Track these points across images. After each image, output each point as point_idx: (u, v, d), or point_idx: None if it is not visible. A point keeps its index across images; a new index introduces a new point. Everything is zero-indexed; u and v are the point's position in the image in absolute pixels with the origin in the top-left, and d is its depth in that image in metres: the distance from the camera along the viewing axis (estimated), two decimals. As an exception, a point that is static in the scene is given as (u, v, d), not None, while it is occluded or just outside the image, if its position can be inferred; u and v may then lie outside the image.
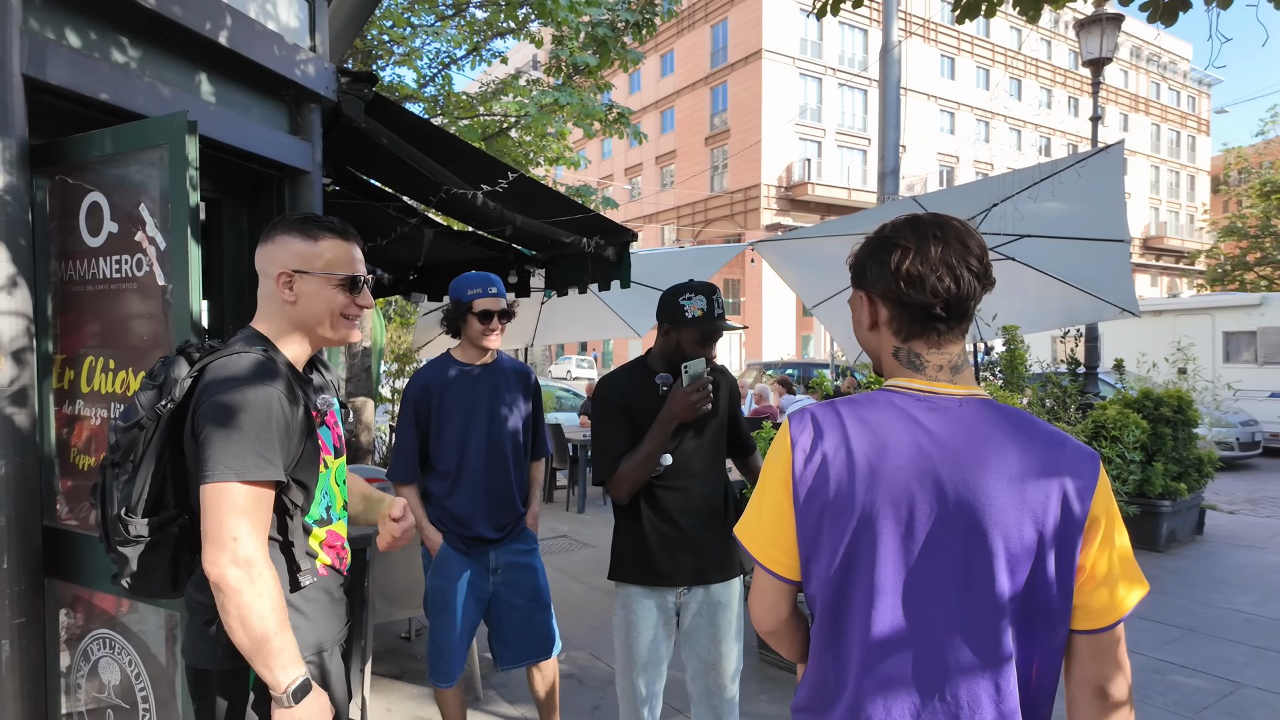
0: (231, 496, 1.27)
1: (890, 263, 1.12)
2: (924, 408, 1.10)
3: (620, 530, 2.30)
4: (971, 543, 1.04)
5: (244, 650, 1.28)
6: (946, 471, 1.05)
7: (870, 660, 1.07)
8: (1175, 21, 3.30)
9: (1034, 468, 1.04)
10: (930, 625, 1.05)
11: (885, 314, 1.15)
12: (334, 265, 1.47)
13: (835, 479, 1.08)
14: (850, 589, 1.08)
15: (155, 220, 1.95)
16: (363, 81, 3.28)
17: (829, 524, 1.08)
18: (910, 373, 1.14)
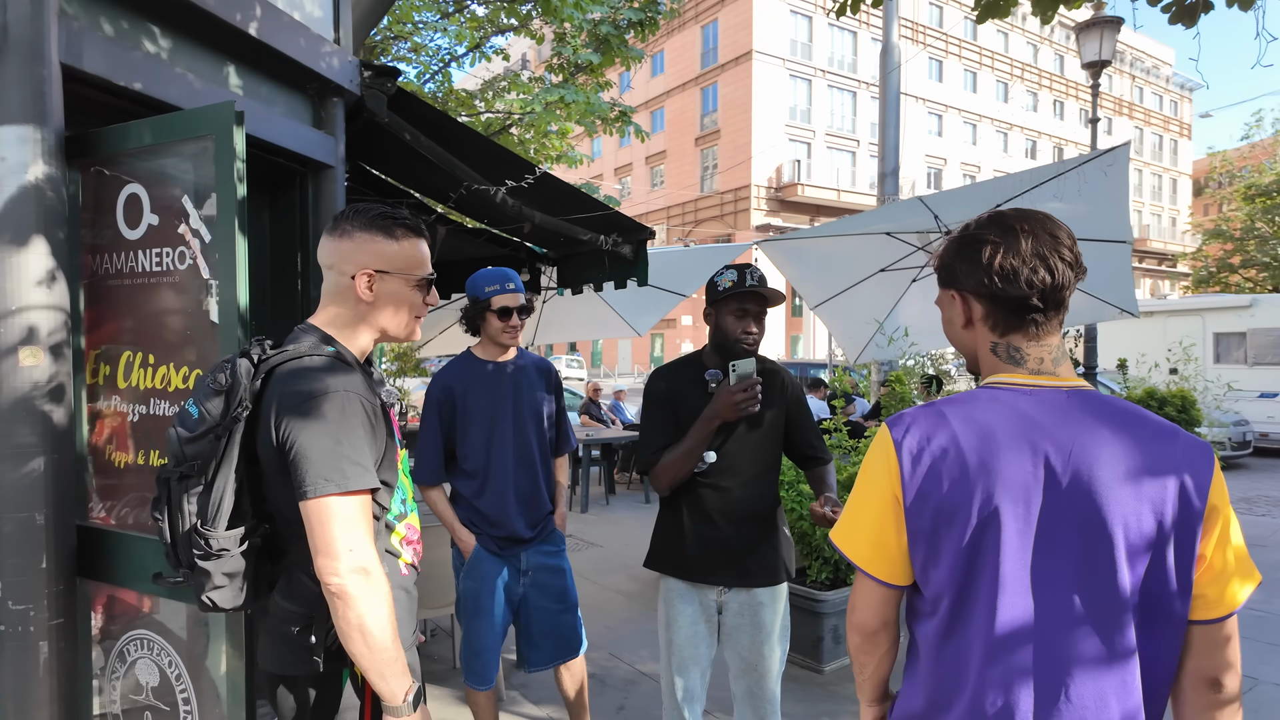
0: (338, 509, 1.24)
1: (981, 259, 1.12)
2: (1031, 401, 1.10)
3: (661, 521, 2.29)
4: (1092, 536, 1.03)
5: (361, 660, 1.24)
6: (1062, 465, 1.05)
7: (994, 658, 1.06)
8: (1195, 23, 3.33)
9: (1150, 459, 1.04)
10: (1054, 620, 1.04)
11: (980, 310, 1.16)
12: (413, 266, 1.45)
13: (949, 480, 1.07)
14: (972, 588, 1.08)
15: (199, 213, 1.91)
16: (385, 76, 3.25)
17: (945, 525, 1.08)
18: (1011, 367, 1.14)
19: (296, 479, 1.25)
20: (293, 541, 1.37)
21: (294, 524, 1.35)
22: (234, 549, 1.32)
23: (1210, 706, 1.07)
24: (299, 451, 1.25)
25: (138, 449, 2.04)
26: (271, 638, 1.41)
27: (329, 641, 1.34)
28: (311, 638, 1.34)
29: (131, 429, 2.04)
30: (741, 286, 2.15)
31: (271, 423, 1.30)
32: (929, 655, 1.14)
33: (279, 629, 1.38)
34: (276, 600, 1.38)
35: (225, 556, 1.32)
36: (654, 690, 3.45)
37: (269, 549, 1.40)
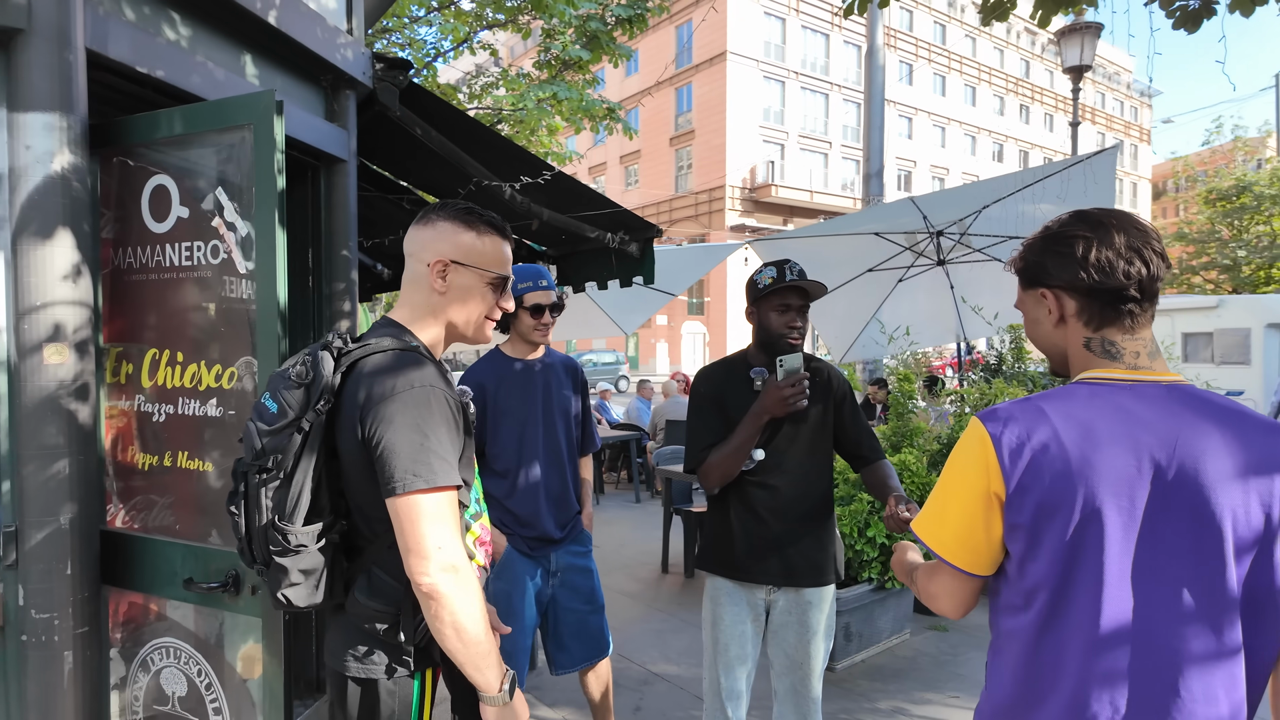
0: (426, 506, 1.22)
1: (1075, 254, 1.13)
2: (1130, 396, 1.10)
3: (711, 521, 2.28)
4: (1200, 530, 1.04)
5: (457, 655, 1.23)
6: (1167, 459, 1.05)
7: (1098, 653, 1.06)
8: (1198, 28, 3.41)
9: (1256, 453, 1.05)
10: (1162, 615, 1.05)
11: (1073, 306, 1.16)
12: (491, 262, 1.42)
13: (1051, 475, 1.07)
14: (1073, 582, 1.08)
15: (235, 205, 1.84)
16: (398, 68, 3.18)
17: (1047, 520, 1.08)
18: (1107, 362, 1.14)
19: (384, 475, 1.23)
20: (372, 539, 1.34)
21: (374, 521, 1.32)
22: (311, 545, 1.28)
23: None
24: (386, 447, 1.23)
25: (164, 450, 1.96)
26: (349, 637, 1.36)
27: (418, 639, 1.32)
28: (400, 635, 1.31)
29: (158, 429, 1.97)
30: (782, 282, 2.15)
31: (356, 417, 1.27)
32: (1022, 649, 1.14)
33: (362, 628, 1.34)
34: (358, 599, 1.34)
35: (303, 552, 1.28)
36: (668, 690, 3.44)
37: (346, 546, 1.36)
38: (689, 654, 3.82)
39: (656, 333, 31.74)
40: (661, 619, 4.33)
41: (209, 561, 1.88)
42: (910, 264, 7.23)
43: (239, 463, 1.36)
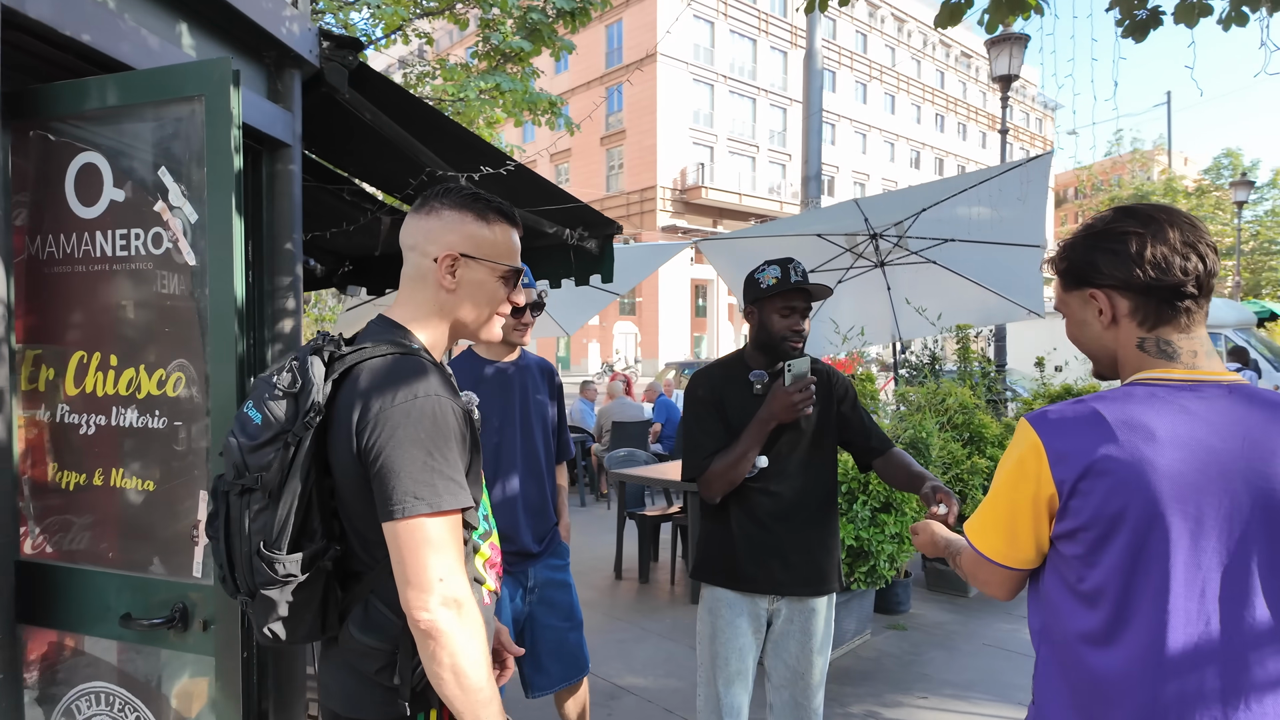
0: (429, 532, 1.06)
1: (1129, 250, 1.08)
2: (1191, 396, 1.05)
3: (708, 530, 2.16)
4: (1274, 536, 0.99)
5: (455, 703, 1.06)
6: (1235, 463, 1.01)
7: (1166, 665, 1.01)
8: (1145, 38, 3.53)
9: None
10: (1234, 624, 1.00)
11: (1126, 306, 1.11)
12: (503, 254, 1.27)
13: (1109, 481, 1.02)
14: (1135, 592, 1.03)
15: (181, 188, 1.62)
16: (347, 47, 2.95)
17: (1106, 527, 1.03)
18: (1164, 362, 1.09)
19: (382, 496, 1.07)
20: (370, 566, 1.17)
21: (372, 545, 1.15)
22: (299, 575, 1.10)
23: None
24: (385, 464, 1.07)
25: (94, 467, 1.71)
26: (342, 675, 1.19)
27: (415, 682, 1.15)
28: (395, 678, 1.14)
29: (85, 443, 1.71)
30: (787, 283, 2.05)
31: (352, 430, 1.10)
32: (1079, 659, 1.08)
33: (354, 666, 1.17)
34: (351, 633, 1.16)
35: (292, 582, 1.10)
36: (637, 705, 3.32)
37: (341, 573, 1.19)
38: (654, 664, 3.71)
39: (588, 333, 31.53)
40: (622, 628, 4.20)
41: (151, 593, 1.65)
42: (850, 265, 7.34)
43: (219, 481, 1.18)
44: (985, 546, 1.17)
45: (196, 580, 1.63)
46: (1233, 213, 20.19)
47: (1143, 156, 24.66)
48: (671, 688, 3.46)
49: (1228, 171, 27.13)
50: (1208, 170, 28.71)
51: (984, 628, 4.21)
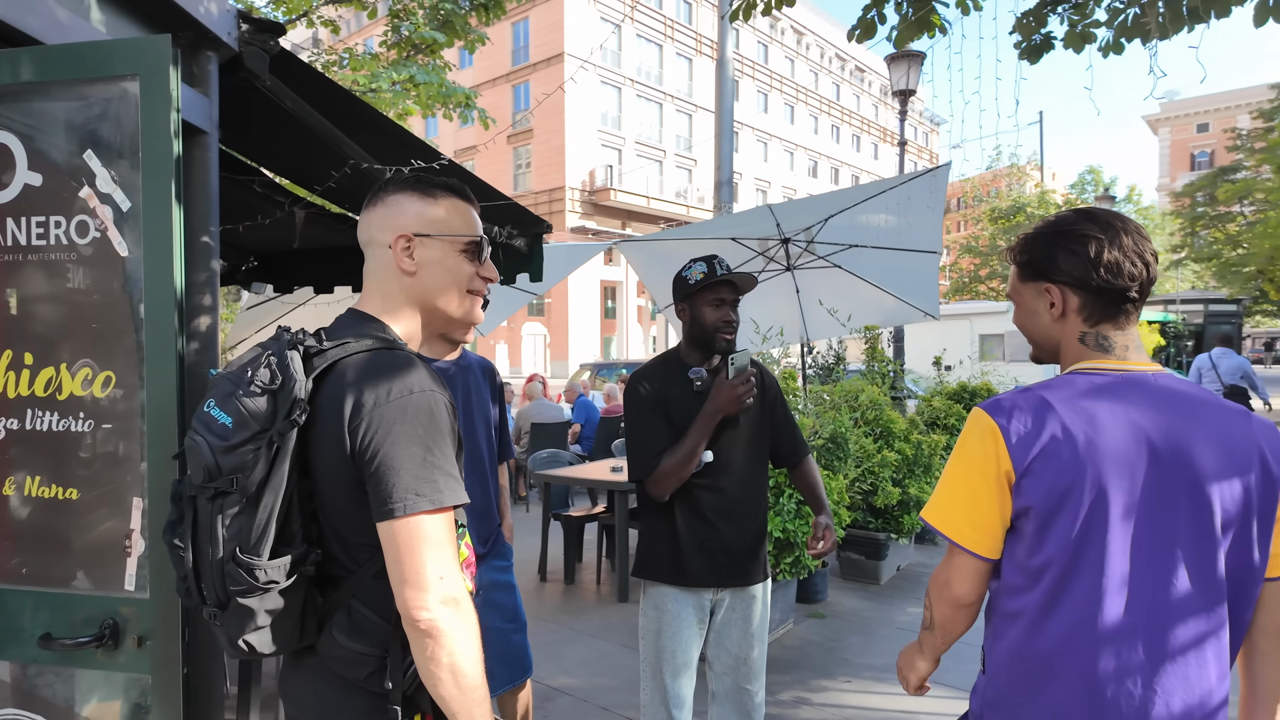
0: (429, 530, 1.03)
1: (1088, 253, 1.18)
2: (1124, 384, 1.17)
3: (651, 528, 2.19)
4: (1196, 505, 1.11)
5: (452, 703, 1.04)
6: (1161, 441, 1.12)
7: (1103, 629, 1.11)
8: (1039, 60, 3.83)
9: (1234, 434, 1.14)
10: (1162, 588, 1.11)
11: (1076, 302, 1.22)
12: (458, 227, 1.23)
13: (1060, 459, 1.12)
14: (1081, 561, 1.13)
15: (111, 173, 1.51)
16: (268, 31, 2.80)
17: (1059, 502, 1.12)
18: (1101, 354, 1.21)
19: (381, 495, 1.03)
20: (351, 570, 1.12)
21: (356, 549, 1.11)
22: (283, 580, 1.05)
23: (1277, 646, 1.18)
24: (384, 462, 1.03)
25: (6, 476, 1.56)
26: (319, 685, 1.13)
27: (407, 685, 1.11)
28: (387, 683, 1.10)
29: (-7, 450, 1.56)
30: (714, 277, 2.13)
31: (343, 428, 1.06)
32: (1025, 630, 1.17)
33: (339, 673, 1.12)
34: (337, 640, 1.11)
35: (273, 589, 1.05)
36: (572, 705, 3.31)
37: (320, 578, 1.13)
38: (586, 664, 3.71)
39: (496, 334, 31.02)
40: (550, 630, 4.17)
41: (74, 611, 1.52)
42: (762, 269, 7.57)
43: (181, 485, 1.10)
44: (950, 529, 1.22)
45: (129, 594, 1.51)
46: (1096, 225, 22.02)
47: (1019, 171, 26.66)
48: (605, 686, 3.47)
49: (1091, 187, 29.65)
50: (1073, 185, 31.29)
51: (895, 612, 4.44)
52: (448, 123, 7.48)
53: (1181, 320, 23.36)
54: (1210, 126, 44.81)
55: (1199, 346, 24.12)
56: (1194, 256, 22.64)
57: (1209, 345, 24.67)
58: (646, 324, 33.32)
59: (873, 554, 5.01)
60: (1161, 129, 48.69)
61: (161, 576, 1.49)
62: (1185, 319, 23.75)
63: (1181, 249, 23.04)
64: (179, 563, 1.08)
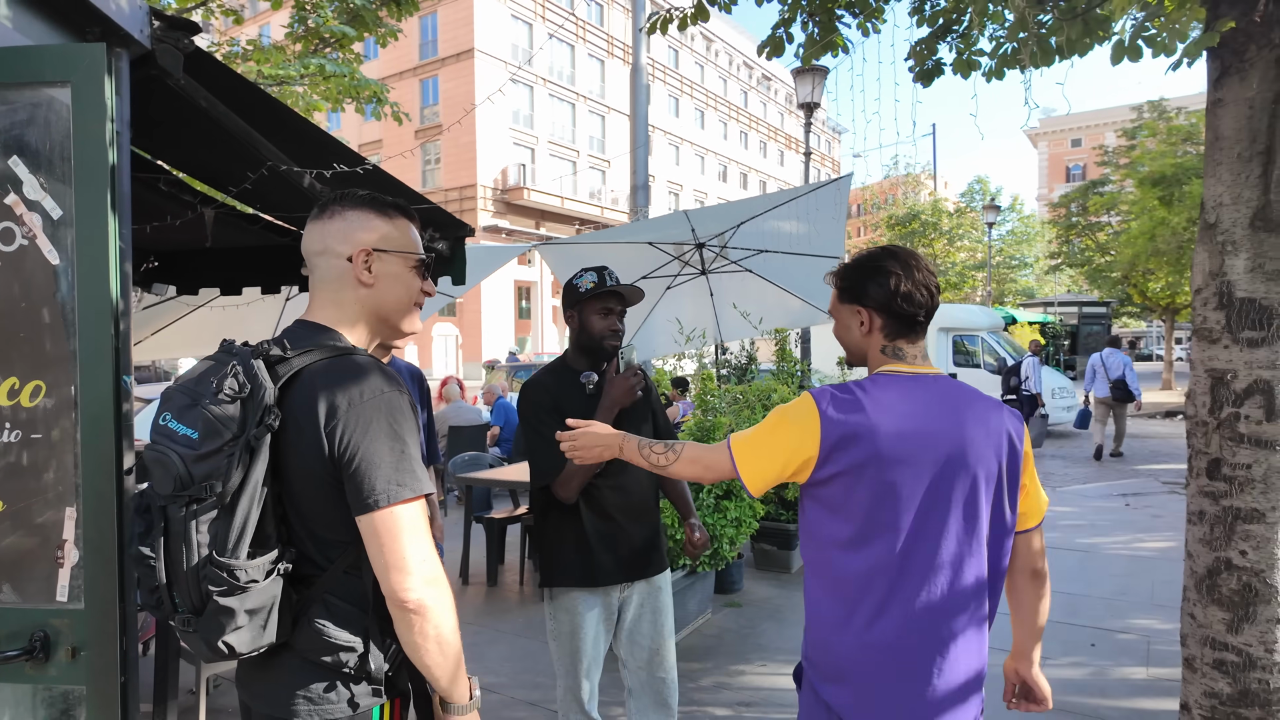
0: (407, 518, 1.13)
1: (889, 285, 1.50)
2: (914, 383, 1.49)
3: (556, 534, 2.25)
4: (966, 475, 1.43)
5: (436, 669, 1.16)
6: (939, 426, 1.44)
7: (893, 567, 1.40)
8: (931, 84, 4.15)
9: (991, 420, 1.47)
10: (939, 538, 1.42)
11: (879, 322, 1.53)
12: (411, 245, 1.34)
13: (863, 437, 1.41)
14: (876, 518, 1.42)
15: (40, 180, 1.49)
16: (181, 29, 2.74)
17: (860, 471, 1.41)
18: (896, 361, 1.53)
19: (363, 489, 1.12)
20: (324, 566, 1.19)
21: (329, 546, 1.19)
22: (263, 579, 1.11)
23: (1036, 587, 1.57)
24: (365, 459, 1.12)
25: (-80, 489, 1.51)
26: (299, 677, 1.19)
27: (389, 668, 1.21)
28: (370, 665, 1.18)
29: (-94, 463, 1.51)
30: (604, 287, 2.25)
31: (319, 431, 1.13)
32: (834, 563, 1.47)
33: (318, 663, 1.18)
34: (320, 631, 1.17)
35: (253, 589, 1.10)
36: (499, 702, 3.36)
37: (294, 577, 1.19)
38: (509, 662, 3.76)
39: (404, 335, 30.21)
40: (473, 631, 4.19)
41: None
42: (678, 273, 7.78)
43: (148, 496, 1.14)
44: (744, 467, 1.49)
45: (61, 605, 1.50)
46: (984, 230, 23.67)
47: (914, 180, 28.19)
48: (530, 682, 3.54)
49: (979, 196, 31.71)
50: (964, 194, 33.37)
51: (806, 600, 4.70)
52: (352, 117, 7.30)
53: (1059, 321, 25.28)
54: (1083, 142, 48.59)
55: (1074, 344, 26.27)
56: (1068, 262, 24.53)
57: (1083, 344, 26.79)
58: (562, 324, 33.25)
59: (784, 544, 5.27)
60: (1040, 143, 52.44)
61: (96, 586, 1.48)
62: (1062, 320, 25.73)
63: (1057, 255, 24.91)
64: (149, 574, 1.12)
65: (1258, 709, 1.82)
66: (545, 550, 2.28)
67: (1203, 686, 1.91)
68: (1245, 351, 1.81)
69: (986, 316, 14.73)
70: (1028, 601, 1.58)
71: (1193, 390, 1.96)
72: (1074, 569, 5.26)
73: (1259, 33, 1.77)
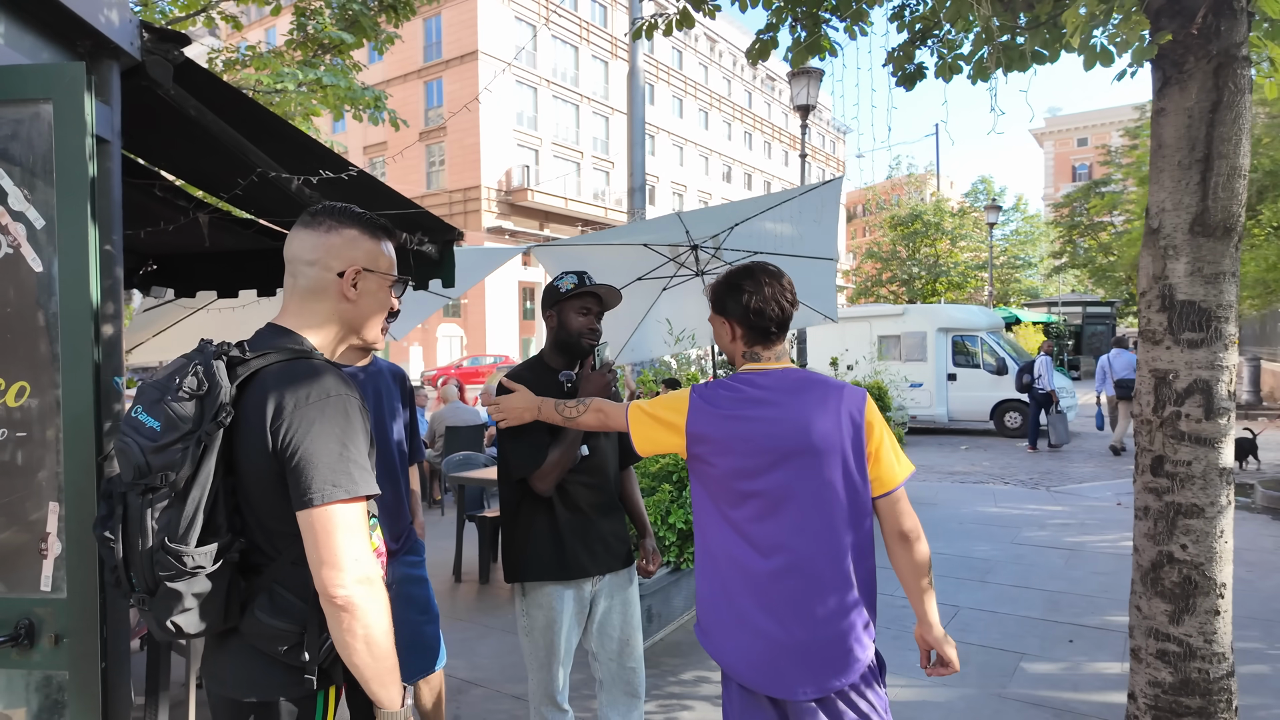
0: (344, 517, 1.19)
1: (742, 301, 1.76)
2: (764, 378, 1.75)
3: (530, 528, 2.30)
4: (814, 452, 1.67)
5: (365, 670, 1.20)
6: (787, 410, 1.69)
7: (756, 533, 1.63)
8: (914, 87, 4.21)
9: (831, 400, 1.70)
10: (800, 507, 1.65)
11: (739, 331, 1.80)
12: (391, 266, 1.44)
13: (720, 421, 1.70)
14: (741, 488, 1.67)
15: (24, 192, 1.57)
16: (171, 41, 2.83)
17: (718, 449, 1.69)
18: (753, 363, 1.80)
19: (300, 486, 1.19)
20: (274, 557, 1.27)
21: (276, 537, 1.26)
22: (209, 565, 1.19)
23: (906, 546, 1.72)
24: (304, 457, 1.19)
25: (-88, 485, 1.60)
26: (245, 661, 1.26)
27: (322, 658, 1.26)
28: (304, 655, 1.24)
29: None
30: (584, 287, 2.34)
31: (265, 429, 1.20)
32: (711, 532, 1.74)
33: (263, 650, 1.25)
34: (260, 619, 1.24)
35: (199, 574, 1.18)
36: (484, 696, 3.44)
37: (243, 565, 1.27)
38: (499, 657, 3.84)
39: (411, 336, 30.40)
40: (463, 627, 4.28)
41: (-14, 614, 1.57)
42: (673, 274, 7.85)
43: (113, 483, 1.23)
44: (637, 434, 1.81)
45: (45, 595, 1.58)
46: (986, 231, 23.68)
47: (917, 180, 28.21)
48: (518, 676, 3.61)
49: (983, 196, 31.67)
50: (968, 194, 33.32)
51: (793, 597, 4.76)
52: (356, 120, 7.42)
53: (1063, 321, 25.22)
54: (1089, 141, 48.44)
55: (1079, 344, 26.23)
56: (1072, 263, 24.49)
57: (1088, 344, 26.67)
58: (564, 325, 33.26)
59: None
60: (1046, 142, 52.31)
61: (79, 576, 1.56)
62: (1066, 320, 25.67)
63: (1061, 255, 24.86)
64: (109, 554, 1.20)
65: (1198, 698, 1.88)
66: (517, 545, 2.32)
67: (1147, 676, 1.98)
68: (1186, 352, 1.87)
69: (986, 317, 14.73)
70: (902, 562, 1.74)
71: (1138, 390, 2.03)
72: (1059, 567, 5.31)
73: (1197, 45, 1.83)
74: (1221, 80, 1.81)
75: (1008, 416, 13.26)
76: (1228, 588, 1.90)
